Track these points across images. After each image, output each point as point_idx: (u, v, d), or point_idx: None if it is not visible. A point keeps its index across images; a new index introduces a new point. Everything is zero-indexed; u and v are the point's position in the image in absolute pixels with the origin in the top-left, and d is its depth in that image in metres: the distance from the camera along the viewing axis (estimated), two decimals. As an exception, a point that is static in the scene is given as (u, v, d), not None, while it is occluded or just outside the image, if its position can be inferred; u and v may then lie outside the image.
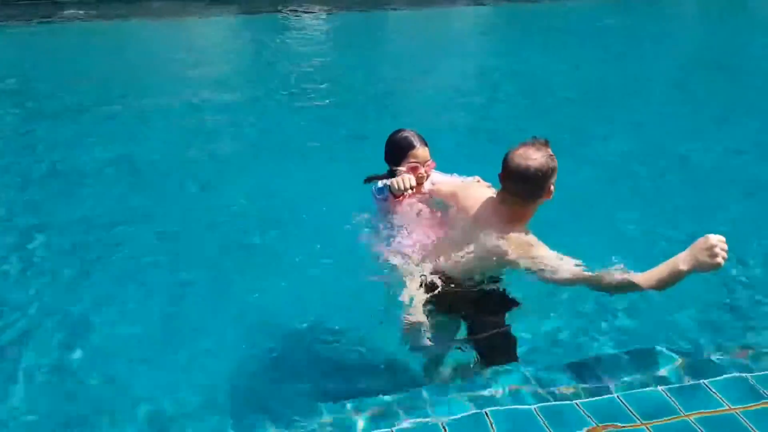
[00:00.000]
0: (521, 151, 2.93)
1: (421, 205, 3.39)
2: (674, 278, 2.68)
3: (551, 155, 2.94)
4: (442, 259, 3.13)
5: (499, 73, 9.89)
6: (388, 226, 3.32)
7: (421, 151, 3.34)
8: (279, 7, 14.58)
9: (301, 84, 9.08)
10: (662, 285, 2.72)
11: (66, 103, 8.10)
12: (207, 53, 11.24)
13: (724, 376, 3.04)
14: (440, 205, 3.38)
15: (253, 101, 8.42)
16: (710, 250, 2.59)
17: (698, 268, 2.62)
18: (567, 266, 2.83)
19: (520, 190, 2.95)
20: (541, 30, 13.19)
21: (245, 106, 8.19)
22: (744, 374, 3.04)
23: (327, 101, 8.38)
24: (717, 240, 2.59)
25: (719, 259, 2.58)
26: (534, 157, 2.90)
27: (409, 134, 3.38)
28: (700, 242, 2.63)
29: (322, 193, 5.25)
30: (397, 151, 3.35)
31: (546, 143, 2.97)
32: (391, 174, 3.36)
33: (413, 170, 3.32)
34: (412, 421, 2.78)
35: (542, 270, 2.85)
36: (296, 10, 14.41)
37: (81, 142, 6.73)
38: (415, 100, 8.48)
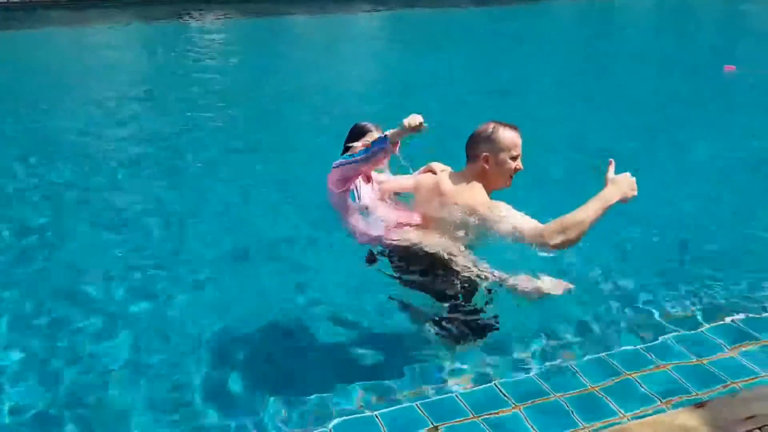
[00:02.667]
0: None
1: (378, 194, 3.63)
2: (606, 210, 2.97)
3: (496, 129, 3.26)
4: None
5: (398, 75, 10.21)
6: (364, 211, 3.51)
7: (377, 135, 3.61)
8: (178, 14, 14.40)
9: (200, 90, 9.10)
10: (599, 216, 2.95)
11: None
12: (105, 61, 11.02)
13: (587, 357, 3.41)
14: (405, 199, 3.64)
15: (151, 108, 8.38)
16: (633, 186, 3.00)
17: (623, 199, 2.98)
18: (526, 223, 3.04)
19: (469, 152, 3.32)
20: (433, 35, 13.69)
21: (143, 112, 8.15)
22: (603, 354, 3.42)
23: (226, 106, 8.40)
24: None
25: (636, 193, 3.00)
26: (483, 125, 3.28)
27: (370, 123, 3.77)
28: (626, 180, 3.01)
29: (225, 198, 5.49)
30: (355, 134, 3.71)
31: (512, 126, 3.29)
32: (346, 149, 3.68)
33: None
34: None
35: (502, 224, 3.07)
36: (196, 17, 14.26)
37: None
38: (312, 103, 8.59)
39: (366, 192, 3.59)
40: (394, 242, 3.37)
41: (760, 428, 2.76)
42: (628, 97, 8.73)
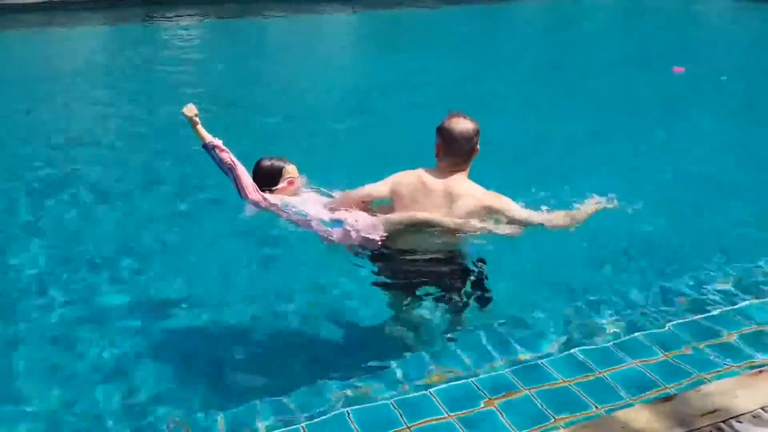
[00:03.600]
0: (455, 121, 3.43)
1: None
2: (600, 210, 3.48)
3: (474, 120, 3.46)
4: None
5: (369, 75, 10.28)
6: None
7: (291, 168, 3.76)
8: (151, 15, 14.29)
9: (169, 91, 9.04)
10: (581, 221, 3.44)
11: None
12: (75, 63, 10.91)
13: (560, 353, 3.48)
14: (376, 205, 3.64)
15: (123, 111, 8.31)
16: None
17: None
18: (525, 211, 3.41)
19: (466, 150, 3.42)
20: (403, 35, 13.82)
21: (116, 117, 8.08)
22: (573, 350, 3.50)
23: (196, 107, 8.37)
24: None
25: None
26: (468, 122, 3.42)
27: (274, 159, 3.76)
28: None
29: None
30: (270, 177, 3.69)
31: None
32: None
33: (291, 184, 3.71)
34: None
35: (511, 212, 3.38)
36: (165, 18, 14.16)
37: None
38: (285, 105, 8.61)
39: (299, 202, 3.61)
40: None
41: (723, 421, 2.84)
42: (583, 96, 8.87)
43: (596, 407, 3.06)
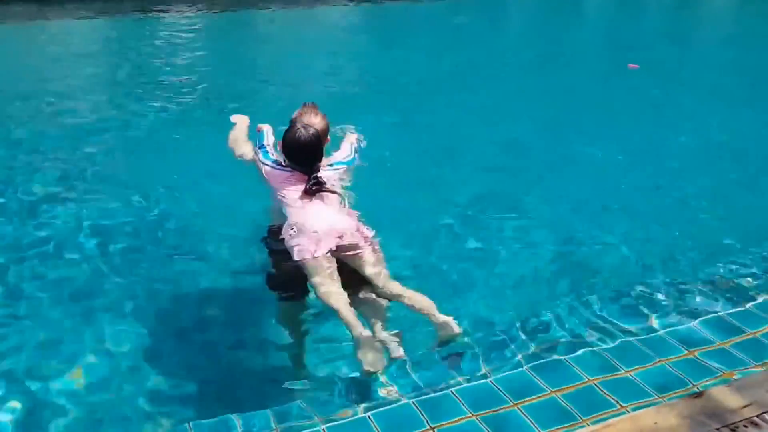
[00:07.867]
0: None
1: None
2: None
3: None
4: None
5: (364, 68, 10.17)
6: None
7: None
8: (145, 8, 14.10)
9: (170, 87, 8.85)
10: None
11: None
12: (67, 59, 10.72)
13: (581, 351, 3.38)
14: None
15: (118, 106, 8.13)
16: None
17: None
18: None
19: None
20: (399, 28, 13.78)
21: (110, 112, 7.90)
22: (596, 348, 3.40)
23: (196, 102, 8.24)
24: None
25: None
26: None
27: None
28: None
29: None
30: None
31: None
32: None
33: None
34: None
35: None
36: (163, 11, 13.96)
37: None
38: (282, 98, 8.44)
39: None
40: None
41: (758, 415, 2.76)
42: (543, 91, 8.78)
43: (621, 405, 2.98)
